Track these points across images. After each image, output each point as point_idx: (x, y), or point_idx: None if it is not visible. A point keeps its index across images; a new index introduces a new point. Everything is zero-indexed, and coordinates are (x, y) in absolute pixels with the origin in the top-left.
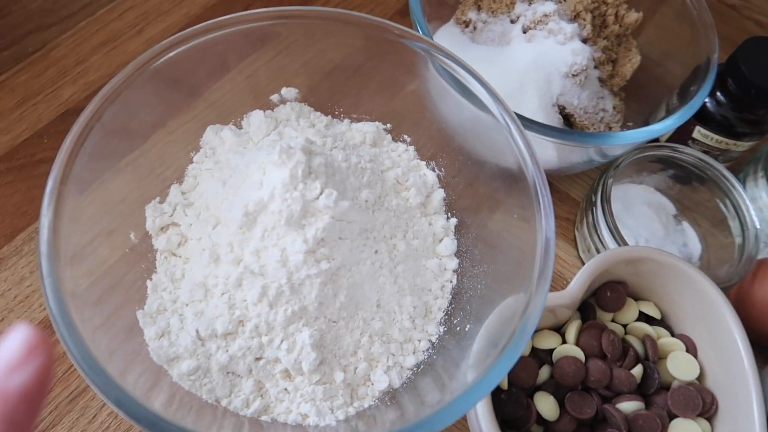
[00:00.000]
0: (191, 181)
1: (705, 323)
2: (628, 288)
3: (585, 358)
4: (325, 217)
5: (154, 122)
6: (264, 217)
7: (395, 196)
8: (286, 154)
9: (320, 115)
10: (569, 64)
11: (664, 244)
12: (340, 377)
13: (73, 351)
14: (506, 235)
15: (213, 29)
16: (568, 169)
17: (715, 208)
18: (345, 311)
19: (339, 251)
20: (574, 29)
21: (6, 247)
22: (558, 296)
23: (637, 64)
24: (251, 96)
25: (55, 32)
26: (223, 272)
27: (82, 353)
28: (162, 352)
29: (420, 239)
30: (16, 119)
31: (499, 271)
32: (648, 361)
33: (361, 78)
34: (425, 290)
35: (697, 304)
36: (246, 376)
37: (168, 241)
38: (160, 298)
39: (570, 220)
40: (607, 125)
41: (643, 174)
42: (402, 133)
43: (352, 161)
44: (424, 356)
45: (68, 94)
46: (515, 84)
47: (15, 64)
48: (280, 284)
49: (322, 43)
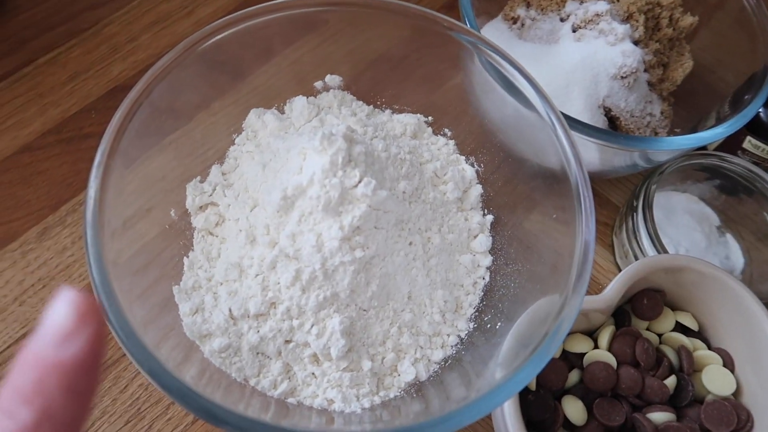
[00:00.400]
0: (232, 162)
1: (744, 338)
2: (665, 297)
3: (617, 365)
4: (363, 205)
5: (198, 103)
6: (302, 201)
7: (432, 189)
8: (327, 140)
9: (362, 104)
10: (618, 65)
11: (705, 255)
12: (367, 365)
13: (112, 320)
14: (543, 236)
15: (261, 14)
16: (610, 172)
17: (762, 221)
18: (376, 300)
19: (374, 240)
20: (626, 30)
21: (51, 216)
22: (593, 300)
23: (689, 69)
24: (295, 81)
25: (108, 10)
26: (258, 254)
27: (120, 322)
28: (195, 328)
29: (455, 234)
30: (66, 93)
31: (534, 272)
32: (682, 372)
33: (404, 69)
34: (457, 285)
35: (737, 318)
36: (275, 358)
37: (206, 220)
38: (195, 275)
39: (608, 225)
40: (654, 130)
41: (687, 182)
42: (443, 127)
43: (392, 152)
44: (452, 351)
45: (118, 71)
46: (561, 83)
47: (69, 39)
48: (314, 269)
49: (367, 33)
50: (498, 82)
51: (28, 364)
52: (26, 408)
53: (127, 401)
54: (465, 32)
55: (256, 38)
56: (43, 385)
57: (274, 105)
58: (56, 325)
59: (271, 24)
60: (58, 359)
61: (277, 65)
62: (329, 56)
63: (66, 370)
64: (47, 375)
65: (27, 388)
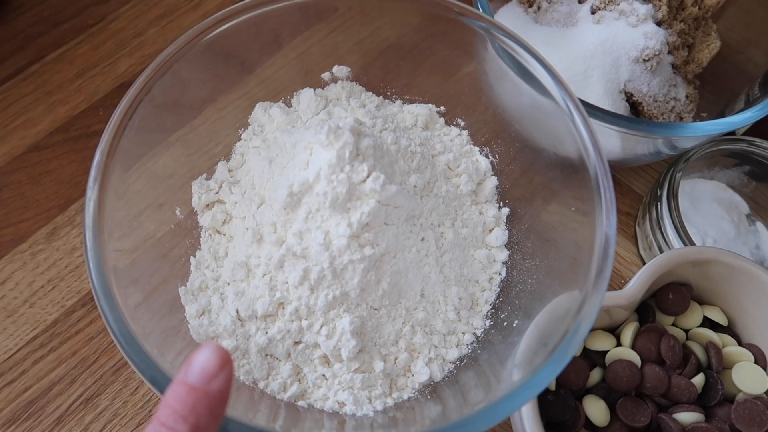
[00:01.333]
0: (239, 158)
1: None
2: (692, 291)
3: (641, 363)
4: (371, 201)
5: (204, 97)
6: (309, 198)
7: (445, 182)
8: (334, 134)
9: (371, 95)
10: (640, 48)
11: (734, 245)
12: (379, 366)
13: (113, 327)
14: (561, 228)
15: (268, 2)
16: (633, 160)
17: None
18: (387, 299)
19: (384, 237)
20: (648, 10)
21: (60, 216)
22: (615, 296)
23: (716, 50)
24: (302, 74)
25: (114, 5)
26: (265, 253)
27: (121, 329)
28: (202, 330)
29: (469, 228)
30: (74, 90)
31: (552, 266)
32: (711, 370)
33: (415, 58)
34: (472, 281)
35: None
36: (284, 360)
37: (213, 218)
38: (202, 275)
39: (631, 215)
40: (678, 115)
41: (714, 169)
42: (456, 117)
43: (402, 144)
44: (468, 350)
45: (125, 67)
46: (579, 68)
47: (75, 35)
48: (322, 268)
49: (377, 21)
50: (512, 69)
51: (184, 392)
52: (183, 424)
53: (138, 403)
54: (477, 17)
55: (261, 29)
56: (195, 408)
57: (281, 98)
58: (205, 366)
59: (279, 13)
60: (208, 390)
61: (284, 57)
62: (338, 46)
63: (211, 399)
64: (199, 401)
65: (185, 410)
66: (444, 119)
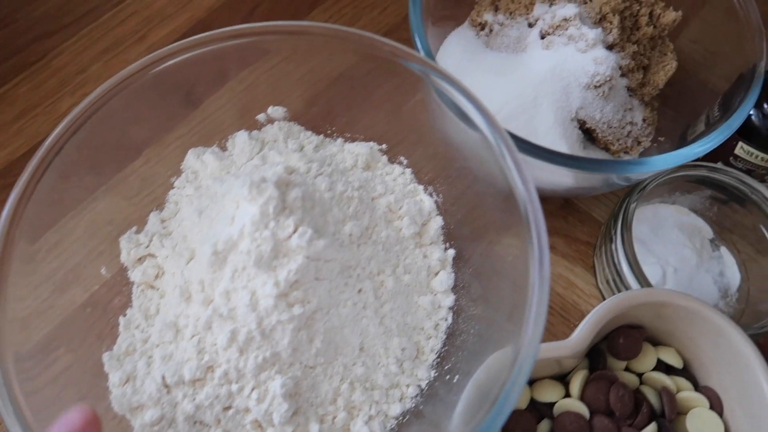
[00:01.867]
0: (172, 207)
1: (733, 376)
2: (645, 332)
3: (590, 414)
4: (299, 257)
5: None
6: (234, 256)
7: (386, 227)
8: (257, 188)
9: (311, 134)
10: (590, 74)
11: (696, 273)
12: (315, 429)
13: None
14: (503, 272)
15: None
16: (589, 190)
17: (760, 233)
18: (322, 357)
19: (315, 293)
20: (598, 35)
21: None
22: (560, 346)
23: (672, 71)
24: (238, 115)
25: (57, 40)
26: (193, 312)
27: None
28: (125, 401)
29: (412, 273)
30: (14, 132)
31: (494, 316)
32: (664, 418)
33: (356, 95)
34: (417, 329)
35: (725, 355)
36: (214, 426)
37: (144, 273)
38: (131, 336)
39: (590, 244)
40: (636, 139)
41: (675, 193)
42: (399, 154)
43: (338, 190)
44: (412, 404)
45: (66, 106)
46: (529, 96)
47: (16, 74)
48: (250, 329)
49: (317, 59)
50: (450, 108)
51: None
52: None
53: None
54: (411, 58)
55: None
56: None
57: (216, 142)
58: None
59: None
60: None
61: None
62: (277, 84)
63: None
64: None
65: None
66: (387, 157)
